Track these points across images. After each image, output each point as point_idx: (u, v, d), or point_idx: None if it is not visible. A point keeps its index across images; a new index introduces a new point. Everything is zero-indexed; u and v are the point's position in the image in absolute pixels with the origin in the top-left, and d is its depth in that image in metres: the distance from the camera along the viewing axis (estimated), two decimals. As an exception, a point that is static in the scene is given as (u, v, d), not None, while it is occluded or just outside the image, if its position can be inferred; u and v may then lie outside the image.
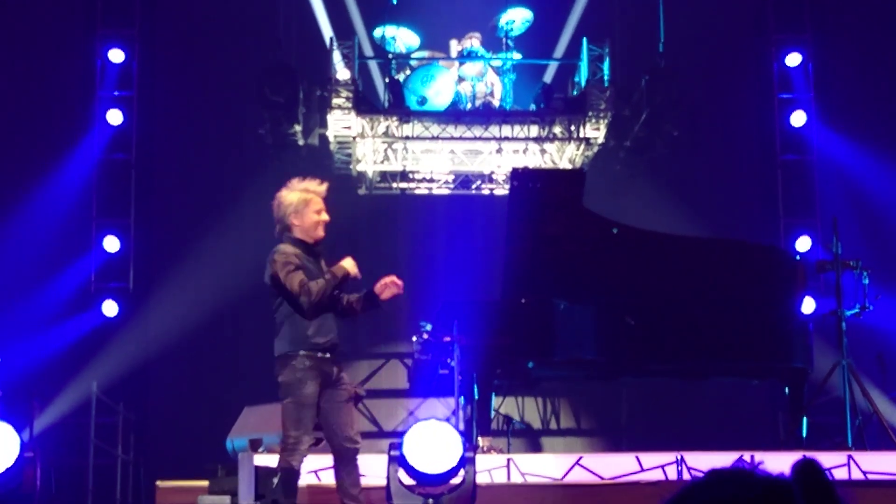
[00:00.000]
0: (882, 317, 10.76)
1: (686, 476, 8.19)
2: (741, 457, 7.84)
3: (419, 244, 13.08)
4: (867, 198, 12.93)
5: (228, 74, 13.24)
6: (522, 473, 8.25)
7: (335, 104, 12.65)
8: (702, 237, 11.10)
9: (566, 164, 13.13)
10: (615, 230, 9.62)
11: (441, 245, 13.07)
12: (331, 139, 12.96)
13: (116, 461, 11.72)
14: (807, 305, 10.95)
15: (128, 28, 13.08)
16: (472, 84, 12.99)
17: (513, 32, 13.03)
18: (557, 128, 13.13)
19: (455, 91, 12.86)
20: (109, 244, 12.69)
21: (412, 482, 6.63)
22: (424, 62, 13.00)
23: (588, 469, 8.34)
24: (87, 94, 13.02)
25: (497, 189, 13.27)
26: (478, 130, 13.05)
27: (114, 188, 12.87)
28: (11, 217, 12.50)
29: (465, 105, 12.97)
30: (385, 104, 12.85)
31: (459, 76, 13.00)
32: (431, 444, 6.58)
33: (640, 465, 8.38)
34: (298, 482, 6.41)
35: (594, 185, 11.00)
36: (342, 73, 12.71)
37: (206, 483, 7.00)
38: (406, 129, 12.96)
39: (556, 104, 13.09)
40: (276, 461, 6.40)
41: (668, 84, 12.76)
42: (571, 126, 13.02)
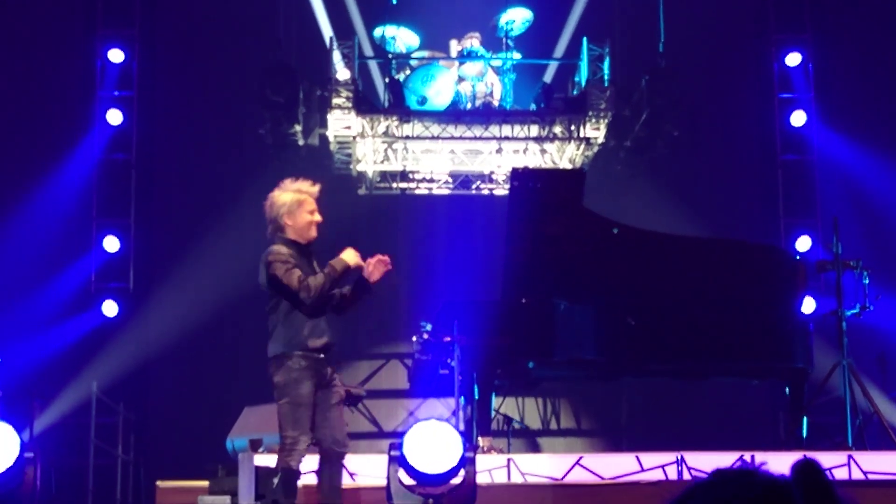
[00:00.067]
0: (882, 317, 10.76)
1: (686, 476, 8.18)
2: (741, 457, 7.85)
3: (419, 244, 13.07)
4: (867, 198, 12.92)
5: (228, 74, 13.24)
6: (522, 473, 8.25)
7: (335, 104, 12.65)
8: (702, 237, 11.10)
9: (566, 164, 13.12)
10: (615, 230, 9.60)
11: (441, 245, 13.06)
12: (331, 139, 12.96)
13: (116, 461, 11.72)
14: (807, 305, 10.96)
15: (128, 28, 13.08)
16: (472, 84, 12.99)
17: (513, 32, 13.03)
18: (557, 128, 13.13)
19: (455, 91, 12.86)
20: (109, 244, 12.69)
21: (412, 482, 6.63)
22: (424, 62, 13.00)
23: (588, 469, 8.33)
24: (87, 94, 13.02)
25: (497, 189, 13.26)
26: (478, 130, 13.05)
27: (114, 188, 12.88)
28: (11, 217, 12.50)
29: (465, 105, 12.96)
30: (385, 104, 12.85)
31: (459, 76, 12.99)
32: (431, 445, 6.57)
33: (641, 466, 8.37)
34: (298, 482, 6.41)
35: (594, 185, 10.99)
36: (342, 73, 12.71)
37: (206, 483, 6.99)
38: (406, 129, 12.96)
39: (557, 104, 13.09)
40: (275, 462, 6.39)
41: (668, 84, 12.76)
42: (571, 126, 13.02)
